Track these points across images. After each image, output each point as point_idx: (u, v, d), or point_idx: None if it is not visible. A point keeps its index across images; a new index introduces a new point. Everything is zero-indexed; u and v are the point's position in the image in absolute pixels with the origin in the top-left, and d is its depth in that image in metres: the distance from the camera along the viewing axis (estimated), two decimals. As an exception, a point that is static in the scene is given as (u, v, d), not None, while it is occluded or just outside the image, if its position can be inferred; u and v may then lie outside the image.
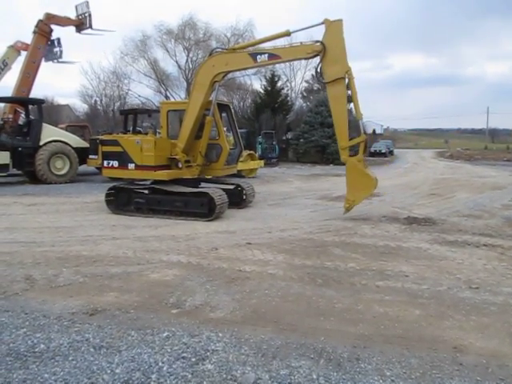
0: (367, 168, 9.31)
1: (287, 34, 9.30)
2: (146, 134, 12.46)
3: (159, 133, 11.74)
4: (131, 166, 9.68)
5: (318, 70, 9.18)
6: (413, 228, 8.41)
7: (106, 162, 10.08)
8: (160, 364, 3.26)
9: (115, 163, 9.90)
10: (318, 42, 8.81)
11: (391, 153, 47.07)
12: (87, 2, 18.82)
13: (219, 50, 10.51)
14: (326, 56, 8.78)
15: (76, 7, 19.02)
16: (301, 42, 9.18)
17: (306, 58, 9.56)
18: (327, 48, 8.71)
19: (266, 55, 9.22)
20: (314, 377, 3.12)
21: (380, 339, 3.72)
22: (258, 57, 9.28)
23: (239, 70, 11.41)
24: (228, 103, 11.97)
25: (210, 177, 10.74)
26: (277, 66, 39.67)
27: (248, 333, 3.79)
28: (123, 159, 9.77)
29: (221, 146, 10.06)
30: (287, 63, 43.01)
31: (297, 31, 9.23)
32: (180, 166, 9.86)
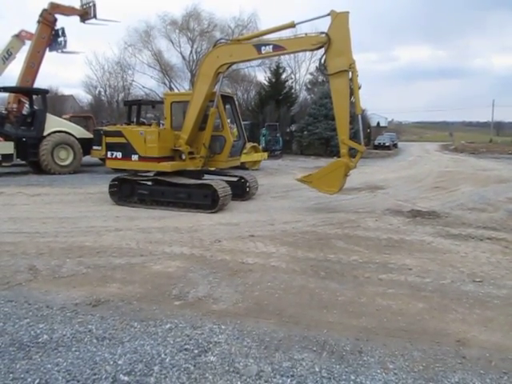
0: (346, 177, 9.32)
1: (292, 25, 9.21)
2: (150, 125, 12.43)
3: (163, 124, 11.72)
4: (135, 157, 9.69)
5: (322, 61, 9.09)
6: (416, 221, 8.38)
7: (109, 153, 10.10)
8: (162, 356, 3.26)
9: (119, 154, 9.93)
10: (323, 33, 8.73)
11: (395, 146, 46.84)
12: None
13: (223, 41, 10.43)
14: (331, 48, 8.70)
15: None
16: (306, 34, 9.09)
17: (310, 50, 9.47)
18: (332, 40, 8.63)
19: (271, 46, 9.16)
20: (317, 369, 3.12)
21: (383, 332, 3.71)
22: (263, 48, 9.21)
23: (243, 61, 11.30)
24: (232, 95, 11.91)
25: (213, 169, 10.72)
26: (281, 57, 39.46)
27: (251, 325, 3.79)
28: (127, 150, 9.78)
29: (225, 137, 10.02)
30: (292, 55, 42.74)
31: (302, 22, 9.13)
32: (183, 157, 9.84)
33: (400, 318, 4.01)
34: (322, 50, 8.93)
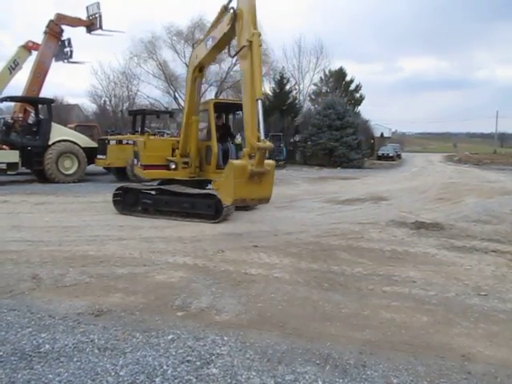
0: (258, 184, 6.79)
1: (225, 9, 8.10)
2: (155, 134, 12.60)
3: (168, 134, 11.87)
4: (138, 163, 10.59)
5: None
6: (420, 233, 8.34)
7: (135, 161, 11.42)
8: (164, 367, 3.24)
9: (135, 161, 11.19)
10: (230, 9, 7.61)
11: (399, 156, 46.91)
12: (98, 3, 18.96)
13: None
14: (238, 24, 7.46)
15: (87, 8, 19.18)
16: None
17: (230, 31, 7.85)
18: (238, 15, 7.40)
19: (210, 39, 8.54)
20: (320, 383, 3.08)
21: (387, 346, 3.68)
22: (208, 42, 8.70)
23: (205, 61, 10.07)
24: (241, 102, 11.47)
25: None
26: (285, 68, 39.82)
27: (253, 337, 3.77)
28: (137, 158, 10.82)
29: (211, 147, 9.83)
30: (296, 66, 43.11)
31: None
32: (173, 166, 9.93)
33: (404, 331, 3.98)
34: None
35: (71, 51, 19.00)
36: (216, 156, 9.84)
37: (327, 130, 30.85)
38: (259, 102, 6.92)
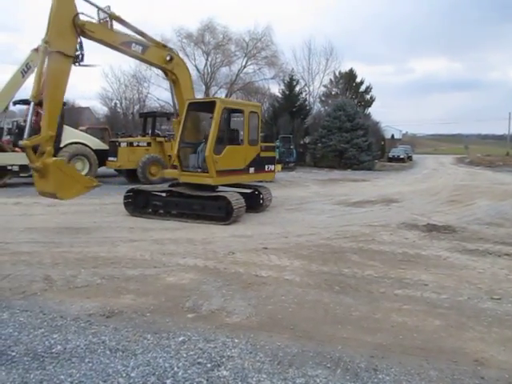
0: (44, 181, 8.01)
1: None
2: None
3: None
4: None
5: None
6: (432, 235, 8.26)
7: None
8: (175, 369, 3.24)
9: None
10: None
11: (410, 158, 46.57)
12: (109, 7, 19.06)
13: None
14: None
15: (98, 12, 19.31)
16: None
17: None
18: None
19: None
20: (331, 386, 3.07)
21: (398, 349, 3.64)
22: None
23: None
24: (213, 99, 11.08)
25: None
26: (295, 70, 39.85)
27: (264, 339, 3.76)
28: None
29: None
30: (306, 68, 43.10)
31: None
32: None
33: (416, 335, 3.94)
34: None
35: (82, 54, 19.01)
36: (175, 157, 9.82)
37: (337, 132, 30.77)
38: (32, 104, 8.14)
